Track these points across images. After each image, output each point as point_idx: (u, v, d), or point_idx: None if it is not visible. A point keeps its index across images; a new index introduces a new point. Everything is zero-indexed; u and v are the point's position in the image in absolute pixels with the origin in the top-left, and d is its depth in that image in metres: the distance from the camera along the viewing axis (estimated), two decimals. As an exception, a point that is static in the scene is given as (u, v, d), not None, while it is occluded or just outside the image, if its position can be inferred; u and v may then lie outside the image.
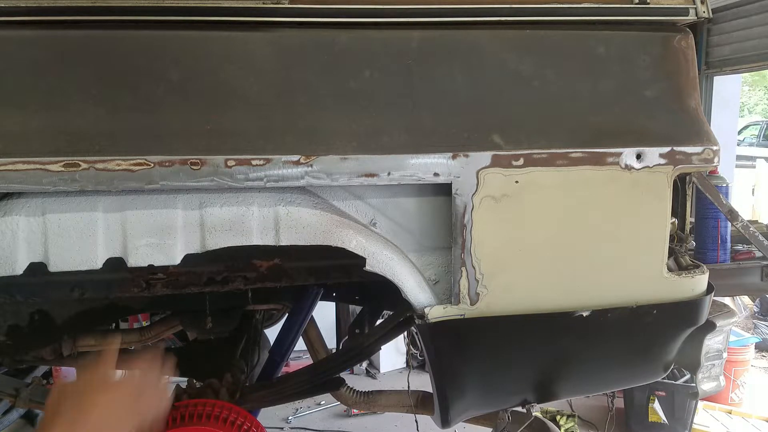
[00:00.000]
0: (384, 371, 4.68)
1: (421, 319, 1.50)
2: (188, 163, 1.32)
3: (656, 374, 1.78)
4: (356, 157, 1.39)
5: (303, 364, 3.37)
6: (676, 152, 1.50)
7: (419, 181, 1.43)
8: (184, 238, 1.39)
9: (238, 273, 1.78)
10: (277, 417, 3.95)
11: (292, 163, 1.36)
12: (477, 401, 1.72)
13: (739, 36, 5.85)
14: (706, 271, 1.65)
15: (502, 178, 1.44)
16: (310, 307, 2.48)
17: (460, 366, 1.60)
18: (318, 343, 2.68)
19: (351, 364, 3.59)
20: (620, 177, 1.48)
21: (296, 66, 1.41)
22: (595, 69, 1.51)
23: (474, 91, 1.47)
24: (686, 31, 1.56)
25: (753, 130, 16.08)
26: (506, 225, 1.46)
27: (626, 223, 1.51)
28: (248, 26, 1.41)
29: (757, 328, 5.37)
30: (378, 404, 2.39)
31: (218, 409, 1.93)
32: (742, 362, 4.09)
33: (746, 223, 2.45)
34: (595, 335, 1.59)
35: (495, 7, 1.48)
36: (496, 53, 1.48)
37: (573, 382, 1.77)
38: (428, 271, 1.54)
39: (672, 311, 1.59)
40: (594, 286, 1.53)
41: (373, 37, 1.45)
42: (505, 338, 1.56)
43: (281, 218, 1.42)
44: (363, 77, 1.43)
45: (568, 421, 3.67)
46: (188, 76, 1.38)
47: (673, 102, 1.53)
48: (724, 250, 2.54)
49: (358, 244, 1.45)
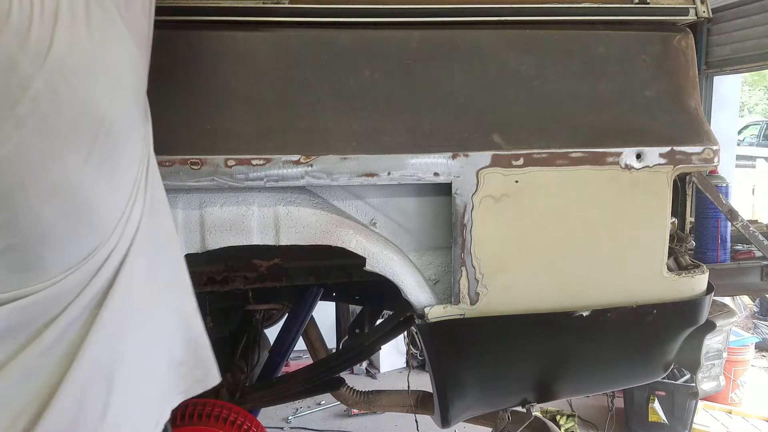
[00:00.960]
0: (384, 371, 4.68)
1: (421, 319, 1.51)
2: (188, 162, 1.32)
3: (656, 374, 1.78)
4: (356, 157, 1.39)
5: (303, 364, 3.37)
6: (676, 152, 1.50)
7: (419, 180, 1.43)
8: (184, 237, 1.39)
9: (238, 273, 1.78)
10: (277, 417, 3.95)
11: (292, 162, 1.36)
12: (477, 401, 1.72)
13: (739, 36, 5.85)
14: (706, 271, 1.65)
15: (502, 178, 1.44)
16: (310, 307, 2.49)
17: (460, 366, 1.60)
18: (318, 343, 2.68)
19: (351, 364, 3.59)
20: (620, 177, 1.48)
21: (296, 66, 1.41)
22: (595, 69, 1.51)
23: (474, 91, 1.47)
24: (686, 30, 1.56)
25: (753, 130, 16.07)
26: (506, 225, 1.46)
27: (626, 223, 1.51)
28: (248, 26, 1.41)
29: (757, 328, 5.37)
30: (378, 404, 2.39)
31: (218, 409, 1.94)
32: (742, 362, 4.08)
33: (746, 223, 2.45)
34: (595, 335, 1.59)
35: (495, 7, 1.48)
36: (496, 53, 1.48)
37: (573, 381, 1.77)
38: (428, 271, 1.54)
39: (672, 311, 1.59)
40: (594, 285, 1.53)
41: (373, 37, 1.45)
42: (505, 338, 1.56)
43: (281, 218, 1.42)
44: (363, 77, 1.43)
45: (568, 421, 3.67)
46: (188, 75, 1.38)
47: (673, 102, 1.53)
48: (724, 250, 2.54)
49: (358, 243, 1.45)
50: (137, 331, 1.02)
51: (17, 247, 0.88)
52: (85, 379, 0.94)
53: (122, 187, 0.97)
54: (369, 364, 4.72)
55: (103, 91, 0.91)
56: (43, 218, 0.88)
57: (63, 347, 0.93)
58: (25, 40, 0.84)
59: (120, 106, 0.94)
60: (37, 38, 0.85)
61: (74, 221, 0.91)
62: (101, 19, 0.92)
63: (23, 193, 0.86)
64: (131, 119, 0.98)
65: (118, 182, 0.97)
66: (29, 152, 0.86)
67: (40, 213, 0.88)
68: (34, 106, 0.85)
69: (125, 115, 0.96)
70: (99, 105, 0.90)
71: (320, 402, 4.08)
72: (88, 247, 0.93)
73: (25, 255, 0.89)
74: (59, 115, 0.87)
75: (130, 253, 0.99)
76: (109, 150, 0.93)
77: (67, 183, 0.89)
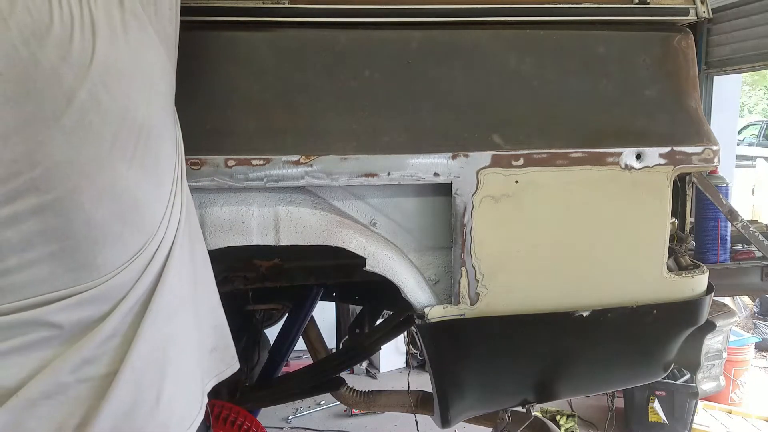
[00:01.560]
0: (384, 371, 4.68)
1: (421, 319, 1.50)
2: (188, 162, 1.32)
3: (656, 374, 1.78)
4: (356, 157, 1.39)
5: (303, 364, 3.37)
6: (676, 152, 1.50)
7: (419, 181, 1.43)
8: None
9: (238, 273, 1.78)
10: (277, 417, 3.95)
11: (292, 163, 1.36)
12: (477, 401, 1.72)
13: (739, 36, 5.85)
14: (706, 271, 1.65)
15: (502, 178, 1.44)
16: (310, 307, 2.49)
17: (460, 366, 1.60)
18: (318, 343, 2.68)
19: (351, 364, 3.59)
20: (620, 177, 1.48)
21: (296, 66, 1.41)
22: (595, 69, 1.51)
23: (474, 91, 1.47)
24: (686, 31, 1.56)
25: (753, 130, 16.07)
26: (506, 225, 1.46)
27: (626, 223, 1.51)
28: (248, 26, 1.41)
29: (757, 328, 5.37)
30: (378, 404, 2.40)
31: (218, 409, 1.94)
32: (742, 362, 4.08)
33: (746, 223, 2.45)
34: (595, 335, 1.59)
35: (495, 7, 1.48)
36: (496, 53, 1.48)
37: (573, 382, 1.77)
38: (428, 271, 1.54)
39: (672, 311, 1.59)
40: (594, 285, 1.53)
41: (373, 37, 1.45)
42: (505, 338, 1.56)
43: (281, 218, 1.42)
44: (363, 77, 1.43)
45: (568, 421, 3.67)
46: (188, 75, 1.37)
47: (673, 102, 1.53)
48: (724, 250, 2.54)
49: (358, 244, 1.45)
50: (182, 319, 1.08)
51: (71, 248, 0.93)
52: (142, 366, 0.99)
53: (164, 186, 1.04)
54: (369, 364, 4.72)
55: (141, 97, 0.97)
56: (95, 221, 0.94)
57: (118, 338, 0.98)
58: (68, 53, 0.89)
59: (156, 111, 1.01)
60: (79, 50, 0.90)
61: (123, 222, 0.97)
62: (136, 28, 0.98)
63: (76, 197, 0.92)
64: (165, 122, 1.05)
65: (160, 182, 1.03)
66: (79, 159, 0.91)
67: (93, 216, 0.94)
68: (80, 116, 0.90)
69: (160, 118, 1.02)
70: (138, 110, 0.96)
71: (320, 402, 4.08)
72: (136, 246, 0.99)
73: (78, 255, 0.94)
74: (103, 123, 0.93)
75: (174, 247, 1.05)
76: (150, 152, 0.99)
77: (116, 186, 0.95)
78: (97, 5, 0.93)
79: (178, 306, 1.06)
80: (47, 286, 0.93)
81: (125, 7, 0.96)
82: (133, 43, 0.97)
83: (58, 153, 0.89)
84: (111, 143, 0.93)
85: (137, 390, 0.99)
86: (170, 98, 1.08)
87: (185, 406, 1.10)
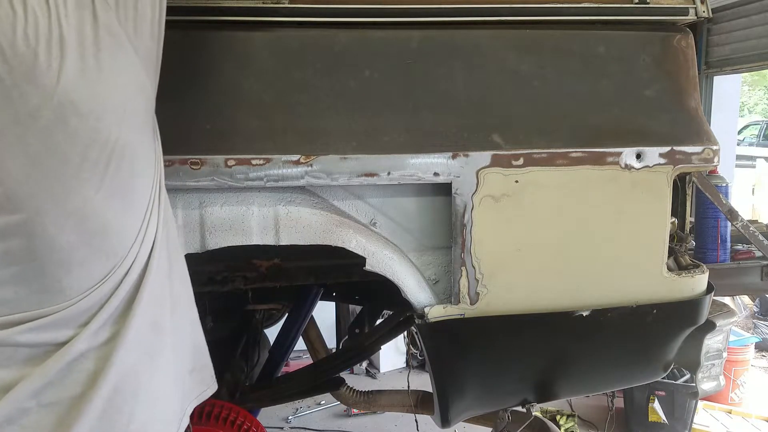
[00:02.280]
0: (384, 371, 4.68)
1: (421, 319, 1.51)
2: (188, 162, 1.32)
3: (656, 374, 1.78)
4: (356, 157, 1.39)
5: (303, 364, 3.37)
6: (676, 152, 1.50)
7: (419, 180, 1.43)
8: (184, 237, 1.39)
9: (238, 273, 1.78)
10: (277, 417, 3.95)
11: (292, 162, 1.36)
12: (477, 401, 1.72)
13: (739, 36, 5.85)
14: (706, 271, 1.65)
15: (502, 178, 1.44)
16: (310, 307, 2.49)
17: (460, 366, 1.60)
18: (318, 343, 2.68)
19: (351, 364, 3.59)
20: (620, 177, 1.48)
21: (296, 66, 1.41)
22: (595, 69, 1.51)
23: (474, 91, 1.47)
24: (686, 30, 1.56)
25: (753, 130, 16.07)
26: (506, 224, 1.46)
27: (626, 223, 1.51)
28: (248, 26, 1.41)
29: (757, 327, 5.37)
30: (378, 404, 2.40)
31: (218, 409, 1.94)
32: (742, 362, 4.08)
33: (746, 222, 2.45)
34: (595, 335, 1.59)
35: (495, 7, 1.48)
36: (496, 53, 1.48)
37: (573, 381, 1.77)
38: (428, 271, 1.54)
39: (672, 311, 1.59)
40: (594, 285, 1.53)
41: (373, 37, 1.45)
42: (505, 338, 1.56)
43: (281, 218, 1.42)
44: (363, 77, 1.43)
45: (568, 420, 3.67)
46: (188, 75, 1.38)
47: (673, 102, 1.53)
48: (724, 249, 2.54)
49: (358, 243, 1.45)
50: (157, 341, 1.05)
51: (35, 271, 0.91)
52: (112, 391, 0.97)
53: (137, 209, 1.00)
54: (369, 364, 4.72)
55: (113, 117, 0.93)
56: (59, 244, 0.91)
57: (84, 362, 0.95)
58: (31, 71, 0.85)
59: (130, 130, 0.96)
60: (44, 68, 0.86)
61: (89, 246, 0.94)
62: (111, 45, 0.93)
63: (40, 219, 0.89)
64: (142, 140, 1.00)
65: (132, 205, 0.99)
66: (44, 180, 0.88)
67: (57, 240, 0.90)
68: (45, 136, 0.87)
69: (135, 137, 0.98)
70: (110, 132, 0.92)
71: (320, 402, 4.08)
72: (103, 270, 0.96)
73: (43, 278, 0.92)
74: (71, 144, 0.89)
75: (149, 268, 1.01)
76: (122, 174, 0.95)
77: (82, 210, 0.92)
78: (69, 22, 0.88)
79: (151, 328, 1.03)
80: (11, 307, 0.91)
81: (99, 24, 0.92)
82: (105, 62, 0.92)
83: (22, 173, 0.86)
84: (78, 165, 0.89)
85: (105, 414, 0.96)
86: (148, 115, 1.03)
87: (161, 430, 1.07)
